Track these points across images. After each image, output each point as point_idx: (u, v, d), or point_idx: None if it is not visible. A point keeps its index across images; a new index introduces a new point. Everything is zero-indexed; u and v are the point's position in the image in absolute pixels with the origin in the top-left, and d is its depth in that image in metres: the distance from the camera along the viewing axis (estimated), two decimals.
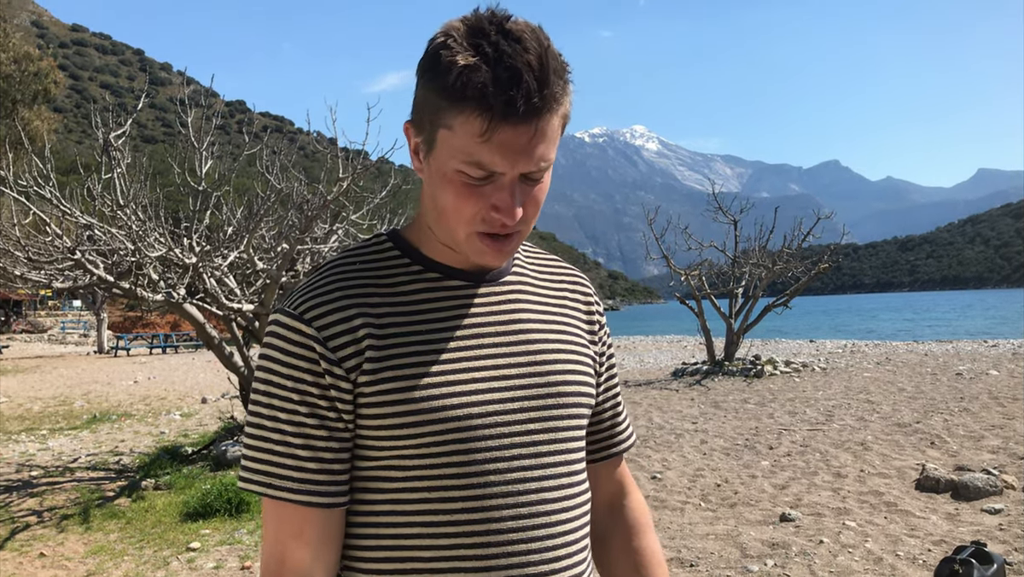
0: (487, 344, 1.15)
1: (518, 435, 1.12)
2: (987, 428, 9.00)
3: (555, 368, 1.18)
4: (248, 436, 1.12)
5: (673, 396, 13.54)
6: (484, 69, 0.98)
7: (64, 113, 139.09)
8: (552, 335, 1.21)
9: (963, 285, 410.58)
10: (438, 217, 1.10)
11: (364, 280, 1.14)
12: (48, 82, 36.31)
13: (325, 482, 1.09)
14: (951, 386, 12.74)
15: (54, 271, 9.34)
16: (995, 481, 6.44)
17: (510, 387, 1.13)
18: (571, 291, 1.31)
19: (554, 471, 1.14)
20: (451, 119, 1.02)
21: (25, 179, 8.39)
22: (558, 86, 1.02)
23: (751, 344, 21.75)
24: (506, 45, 0.99)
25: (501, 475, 1.09)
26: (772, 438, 9.27)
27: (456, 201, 1.06)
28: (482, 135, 1.00)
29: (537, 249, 1.34)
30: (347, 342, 1.09)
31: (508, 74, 0.98)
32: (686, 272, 17.87)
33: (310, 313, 1.09)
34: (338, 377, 1.08)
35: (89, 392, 18.75)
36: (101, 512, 7.16)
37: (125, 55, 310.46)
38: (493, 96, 0.98)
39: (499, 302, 1.19)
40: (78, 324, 53.74)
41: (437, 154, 1.06)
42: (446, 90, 1.01)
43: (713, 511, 6.43)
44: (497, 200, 1.05)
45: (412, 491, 1.09)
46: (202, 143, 8.64)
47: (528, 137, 1.02)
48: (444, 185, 1.06)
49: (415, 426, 1.07)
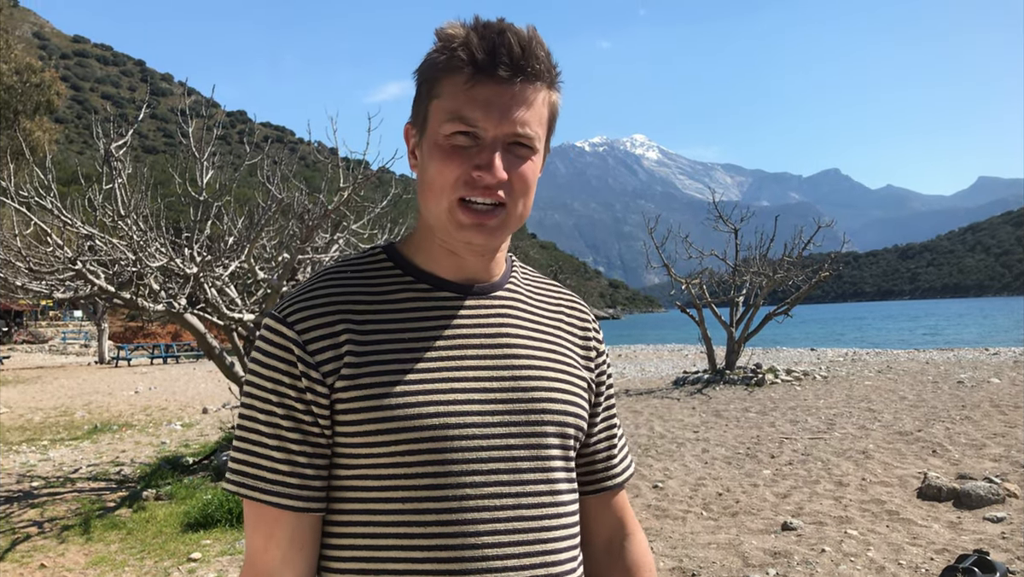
0: (470, 355, 1.14)
1: (496, 448, 1.10)
2: (989, 436, 8.99)
3: (539, 384, 1.16)
4: (235, 436, 1.14)
5: (674, 405, 13.52)
6: (472, 34, 1.06)
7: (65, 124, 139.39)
8: (540, 352, 1.20)
9: (964, 293, 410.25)
10: (426, 198, 1.12)
11: (352, 288, 1.15)
12: (51, 93, 36.38)
13: (296, 485, 1.09)
14: (952, 394, 12.72)
15: (55, 281, 9.33)
16: (997, 489, 6.43)
17: (490, 400, 1.12)
18: (567, 315, 1.30)
19: (534, 488, 1.12)
20: (440, 85, 1.08)
21: (26, 190, 8.40)
22: (543, 62, 1.09)
23: (752, 353, 21.76)
24: (493, 22, 1.08)
25: (477, 488, 1.08)
26: (774, 447, 9.25)
27: (441, 165, 1.08)
28: (465, 85, 1.06)
29: (538, 274, 1.34)
30: (326, 346, 1.09)
31: (493, 35, 1.06)
32: (687, 281, 17.87)
33: (292, 316, 1.11)
34: (315, 381, 1.08)
35: (90, 402, 18.74)
36: (102, 523, 7.15)
37: (126, 66, 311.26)
38: (477, 49, 1.05)
39: (487, 315, 1.18)
40: (79, 334, 53.72)
41: (428, 132, 1.10)
42: (436, 58, 1.09)
43: (715, 520, 6.42)
44: (479, 159, 1.07)
45: (387, 501, 1.08)
46: (203, 153, 8.65)
47: (510, 96, 1.07)
48: (432, 155, 1.09)
49: (390, 433, 1.07)
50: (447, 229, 1.11)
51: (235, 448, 1.13)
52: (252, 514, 1.12)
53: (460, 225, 1.09)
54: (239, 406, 1.14)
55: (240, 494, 1.11)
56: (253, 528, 1.12)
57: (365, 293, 1.15)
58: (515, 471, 1.11)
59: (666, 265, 18.00)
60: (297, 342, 1.09)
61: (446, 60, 1.07)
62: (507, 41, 1.05)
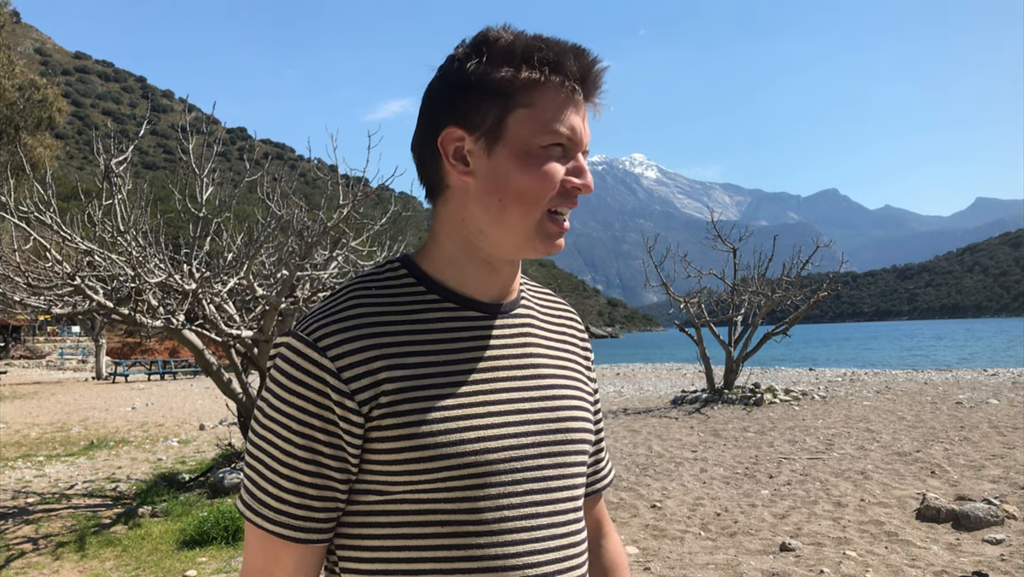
0: (502, 378, 1.13)
1: (530, 470, 1.11)
2: (988, 457, 8.97)
3: (564, 404, 1.18)
4: (246, 453, 1.12)
5: (673, 424, 13.49)
6: (568, 53, 1.09)
7: (66, 139, 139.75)
8: (560, 371, 1.21)
9: (962, 314, 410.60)
10: (510, 208, 1.09)
11: (380, 308, 1.11)
12: (52, 110, 36.47)
13: (303, 517, 1.07)
14: (951, 415, 12.71)
15: (54, 297, 9.33)
16: (996, 511, 6.41)
17: (524, 422, 1.12)
18: (569, 327, 1.31)
19: (563, 506, 1.14)
20: (535, 94, 1.08)
21: (26, 205, 8.41)
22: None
23: (750, 372, 21.72)
24: (571, 44, 1.11)
25: (514, 510, 1.08)
26: (772, 467, 9.23)
27: (540, 174, 1.08)
28: (564, 100, 1.09)
29: (535, 283, 1.33)
30: (362, 373, 1.05)
31: (588, 60, 1.10)
32: (685, 300, 17.87)
33: (324, 341, 1.06)
34: (350, 411, 1.05)
35: (87, 418, 18.69)
36: (97, 539, 7.11)
37: (127, 82, 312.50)
38: (577, 70, 1.09)
39: (513, 335, 1.18)
40: (77, 350, 53.61)
41: (509, 139, 1.08)
42: (533, 63, 1.08)
43: (713, 540, 6.39)
44: (575, 170, 1.10)
45: (424, 524, 1.07)
46: (203, 170, 8.67)
47: (585, 112, 1.12)
48: (526, 164, 1.08)
49: (432, 460, 1.05)
50: (528, 241, 1.10)
51: (246, 465, 1.11)
52: (257, 537, 1.10)
53: (548, 235, 1.10)
54: (253, 421, 1.11)
55: (244, 516, 1.10)
56: (257, 548, 1.10)
57: (395, 314, 1.12)
58: (546, 490, 1.12)
59: (664, 284, 18.01)
60: (331, 371, 1.05)
61: (552, 69, 1.08)
62: (596, 69, 1.10)
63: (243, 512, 1.11)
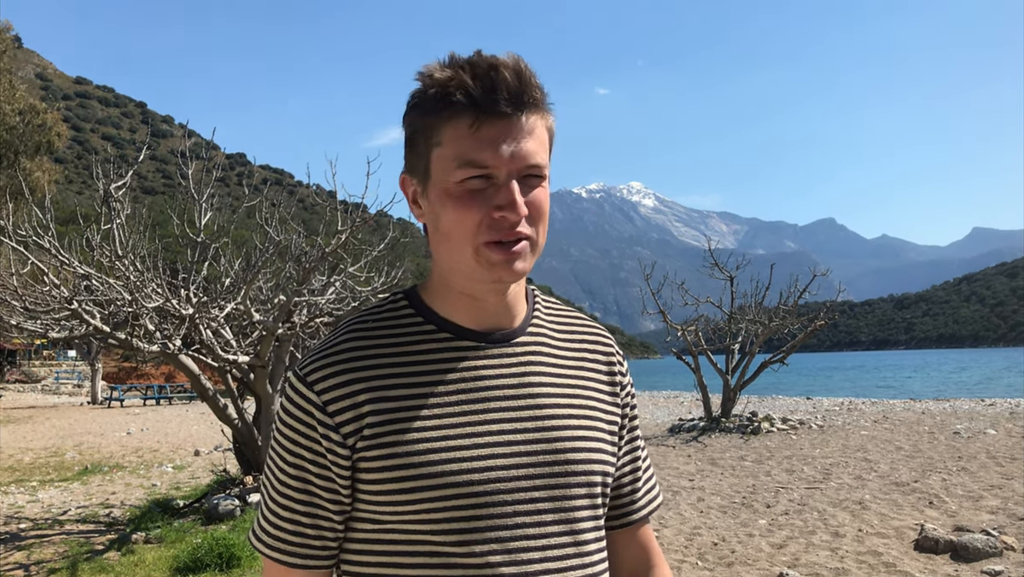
0: (493, 408, 1.12)
1: (521, 503, 1.09)
2: (986, 488, 8.93)
3: (565, 435, 1.15)
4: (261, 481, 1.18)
5: (670, 452, 13.44)
6: (462, 74, 1.04)
7: (65, 164, 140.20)
8: (565, 400, 1.18)
9: (959, 344, 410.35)
10: (446, 247, 1.09)
11: (373, 341, 1.14)
12: (52, 134, 36.57)
13: (298, 544, 1.12)
14: (949, 445, 12.67)
15: (50, 321, 9.31)
16: (995, 542, 6.38)
17: (515, 453, 1.10)
18: (591, 351, 1.27)
19: (558, 540, 1.11)
20: (440, 132, 1.06)
21: (24, 229, 8.42)
22: (537, 90, 1.07)
23: (748, 400, 21.69)
24: (477, 57, 1.06)
25: (503, 543, 1.07)
26: (769, 496, 9.18)
27: (458, 213, 1.05)
28: (470, 128, 1.04)
29: (560, 305, 1.30)
30: (346, 407, 1.09)
31: (486, 72, 1.04)
32: (683, 327, 17.86)
33: (312, 376, 1.10)
34: (335, 443, 1.08)
35: (81, 443, 18.58)
36: (90, 566, 7.04)
37: (127, 107, 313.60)
38: (474, 90, 1.03)
39: (511, 364, 1.16)
40: (72, 374, 53.44)
41: (434, 180, 1.08)
42: (429, 104, 1.06)
43: (710, 570, 6.35)
44: (498, 199, 1.04)
45: (414, 555, 1.08)
46: (202, 195, 8.70)
47: (516, 130, 1.05)
48: (444, 204, 1.07)
49: (415, 492, 1.06)
50: (475, 273, 1.08)
51: (261, 494, 1.18)
52: (265, 561, 1.17)
53: (491, 264, 1.06)
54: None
55: (250, 541, 1.18)
56: (266, 572, 1.18)
57: (385, 346, 1.13)
58: (539, 524, 1.10)
59: (662, 311, 18.02)
60: (317, 405, 1.09)
61: (444, 105, 1.04)
62: (502, 76, 1.03)
63: (248, 538, 1.18)
